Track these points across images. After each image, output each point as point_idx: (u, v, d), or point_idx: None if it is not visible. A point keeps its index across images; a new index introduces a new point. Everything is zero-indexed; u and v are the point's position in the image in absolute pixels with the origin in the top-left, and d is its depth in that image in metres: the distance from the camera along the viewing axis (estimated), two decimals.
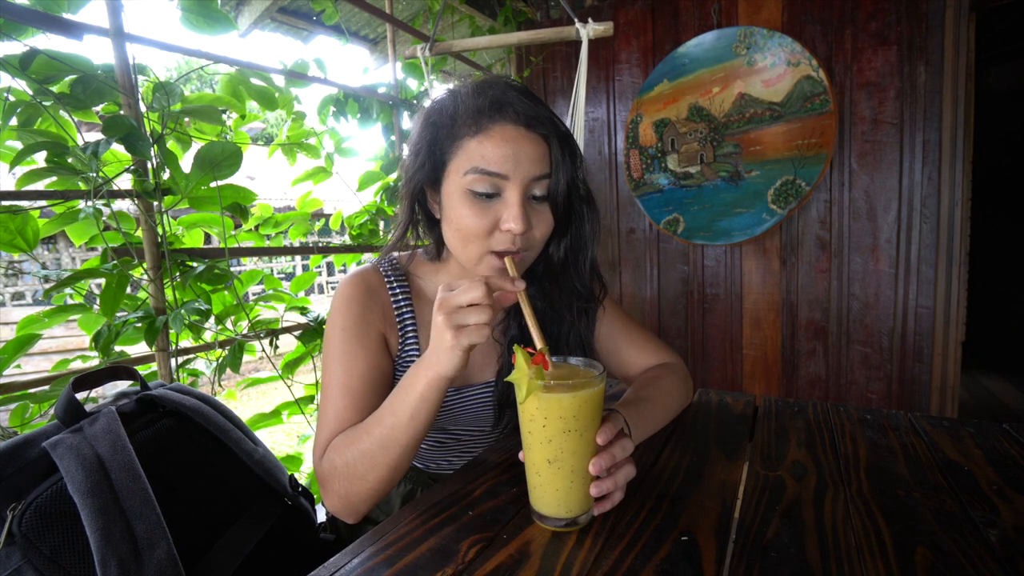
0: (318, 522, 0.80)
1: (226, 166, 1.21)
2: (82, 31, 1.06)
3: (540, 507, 0.50)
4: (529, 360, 0.49)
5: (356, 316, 0.67)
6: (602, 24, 1.66)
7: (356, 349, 0.65)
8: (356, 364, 0.64)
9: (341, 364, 0.64)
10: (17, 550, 0.48)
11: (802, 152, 1.89)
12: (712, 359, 2.23)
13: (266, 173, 7.16)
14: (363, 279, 0.70)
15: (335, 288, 0.74)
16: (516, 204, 0.59)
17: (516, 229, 0.59)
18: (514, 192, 0.59)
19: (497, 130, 0.59)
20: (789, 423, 0.73)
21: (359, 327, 0.66)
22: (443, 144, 0.63)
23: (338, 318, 0.67)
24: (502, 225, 0.60)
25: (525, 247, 0.62)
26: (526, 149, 0.59)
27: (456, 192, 0.61)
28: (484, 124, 0.60)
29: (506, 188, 0.60)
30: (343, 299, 0.68)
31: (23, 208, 1.03)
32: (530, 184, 0.60)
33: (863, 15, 1.80)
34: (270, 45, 36.72)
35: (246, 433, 0.78)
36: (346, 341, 0.65)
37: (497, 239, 0.61)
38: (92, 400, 1.14)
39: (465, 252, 0.63)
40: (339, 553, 0.47)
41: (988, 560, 0.42)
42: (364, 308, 0.68)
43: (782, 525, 0.48)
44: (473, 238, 0.61)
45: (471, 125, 0.60)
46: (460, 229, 0.62)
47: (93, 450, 0.54)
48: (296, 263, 7.74)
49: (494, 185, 0.59)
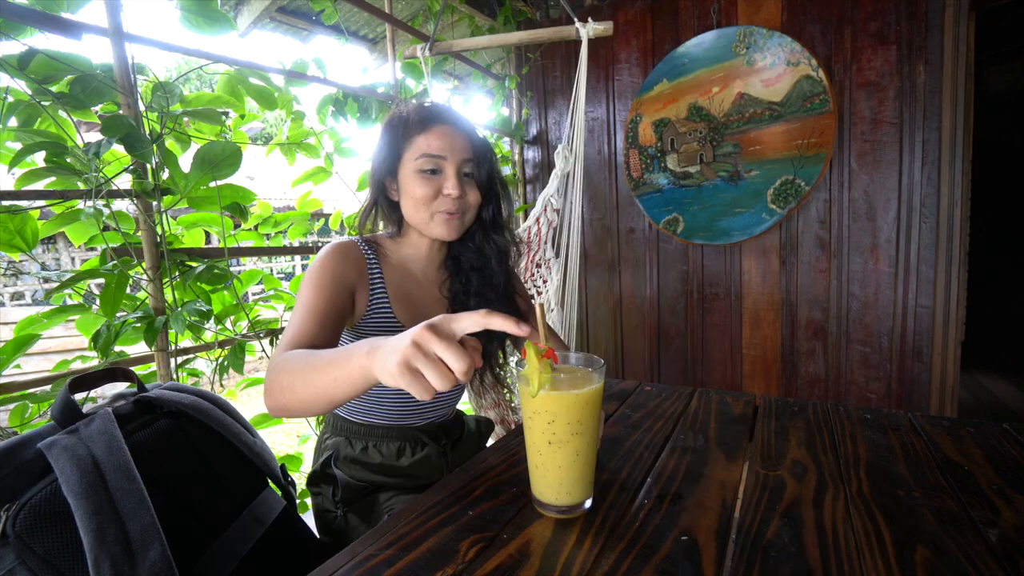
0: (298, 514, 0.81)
1: (225, 166, 1.21)
2: (81, 30, 1.06)
3: (542, 495, 0.53)
4: (540, 355, 0.50)
5: (333, 266, 0.80)
6: (602, 24, 1.66)
7: (328, 286, 0.77)
8: (324, 295, 0.76)
9: (311, 291, 0.75)
10: (11, 551, 0.47)
11: (802, 152, 1.89)
12: (712, 359, 2.22)
13: (266, 173, 7.16)
14: (342, 243, 0.85)
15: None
16: (452, 176, 0.82)
17: (453, 193, 0.82)
18: (451, 167, 0.82)
19: (437, 128, 0.83)
20: (789, 423, 0.73)
21: (335, 274, 0.79)
22: (398, 142, 0.84)
23: (317, 265, 0.79)
24: (443, 191, 0.82)
25: (463, 209, 0.84)
26: (457, 140, 0.83)
27: (410, 173, 0.83)
28: (428, 125, 0.83)
29: (445, 166, 0.82)
30: (324, 254, 0.81)
31: (22, 208, 1.03)
32: (461, 163, 0.83)
33: (863, 15, 1.80)
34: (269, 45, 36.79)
35: (244, 426, 0.78)
36: (321, 277, 0.77)
37: (440, 202, 0.83)
38: (91, 400, 1.14)
39: (419, 216, 0.84)
40: (339, 553, 0.46)
41: (988, 560, 0.42)
42: (342, 261, 0.81)
43: (782, 525, 0.48)
44: (423, 204, 0.82)
45: (418, 126, 0.83)
46: (414, 198, 0.83)
47: (88, 451, 0.54)
48: (296, 263, 7.73)
49: (437, 164, 0.82)
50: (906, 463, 0.60)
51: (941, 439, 0.66)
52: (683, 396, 0.87)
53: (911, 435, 0.67)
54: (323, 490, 0.89)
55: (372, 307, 0.85)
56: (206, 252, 1.28)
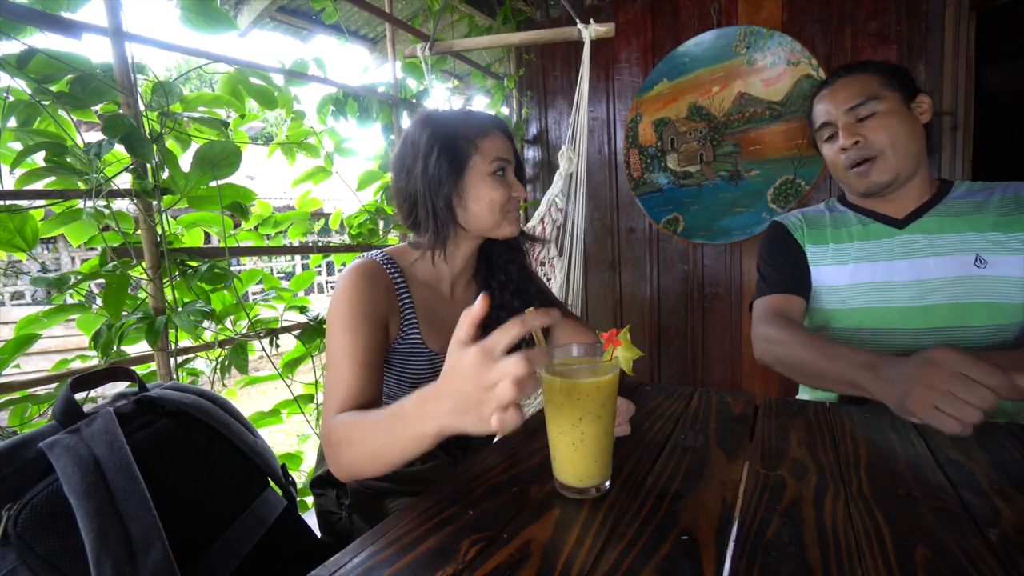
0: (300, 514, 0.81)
1: (225, 165, 1.21)
2: (81, 30, 1.06)
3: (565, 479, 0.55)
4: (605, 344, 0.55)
5: (364, 297, 0.75)
6: (604, 25, 1.67)
7: (362, 325, 0.73)
8: (361, 337, 0.72)
9: (348, 336, 0.71)
10: (12, 551, 0.47)
11: (802, 151, 1.88)
12: (712, 359, 2.22)
13: (266, 172, 7.15)
14: (367, 267, 0.79)
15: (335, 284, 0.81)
16: (514, 177, 0.86)
17: (522, 194, 0.87)
18: (511, 171, 0.85)
19: (494, 133, 0.84)
20: (789, 422, 0.73)
21: (367, 306, 0.74)
22: (462, 147, 0.82)
23: (345, 297, 0.74)
24: (512, 193, 0.85)
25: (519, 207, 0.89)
26: (510, 145, 0.87)
27: (483, 177, 0.82)
28: (488, 131, 0.84)
29: (508, 169, 0.85)
30: (351, 282, 0.76)
31: (22, 208, 1.03)
32: (515, 166, 0.87)
33: (863, 14, 1.80)
34: (269, 44, 36.81)
35: (245, 425, 0.78)
36: (353, 317, 0.73)
37: (511, 203, 0.85)
38: (91, 400, 1.14)
39: (492, 218, 0.83)
40: (339, 553, 0.46)
41: (988, 560, 0.42)
42: (372, 290, 0.76)
43: (782, 524, 0.48)
44: (499, 206, 0.83)
45: (480, 132, 0.83)
46: (491, 201, 0.83)
47: (89, 451, 0.54)
48: (296, 263, 7.74)
49: (505, 167, 0.84)
50: (906, 463, 0.60)
51: (941, 438, 0.66)
52: (683, 396, 0.87)
53: (911, 434, 0.68)
54: (327, 492, 0.89)
55: (403, 334, 0.82)
56: (206, 252, 1.28)
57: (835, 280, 1.01)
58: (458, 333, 0.48)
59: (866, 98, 0.93)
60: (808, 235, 1.05)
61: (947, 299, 0.91)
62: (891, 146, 0.92)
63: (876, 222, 1.00)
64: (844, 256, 1.00)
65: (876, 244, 0.98)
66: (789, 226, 1.08)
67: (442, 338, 0.85)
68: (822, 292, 1.03)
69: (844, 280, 1.00)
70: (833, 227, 1.04)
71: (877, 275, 0.97)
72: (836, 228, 1.03)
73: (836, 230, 1.03)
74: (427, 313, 0.85)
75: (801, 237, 1.05)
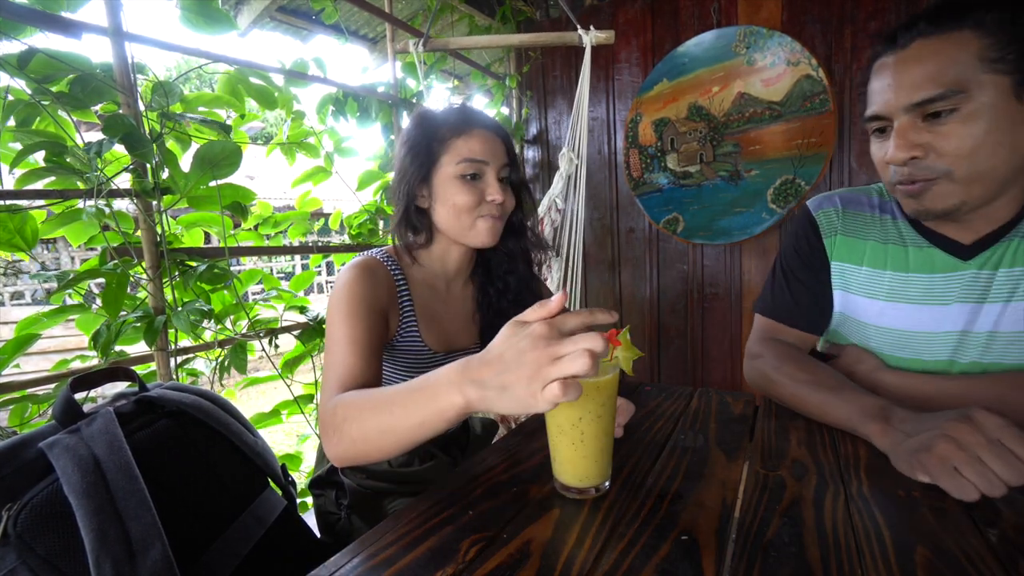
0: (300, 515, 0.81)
1: (225, 165, 1.21)
2: (81, 30, 1.06)
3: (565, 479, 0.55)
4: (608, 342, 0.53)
5: (365, 290, 0.75)
6: (604, 32, 1.70)
7: (364, 313, 0.72)
8: (363, 324, 0.71)
9: (349, 323, 0.71)
10: (12, 551, 0.47)
11: (802, 151, 1.88)
12: (712, 359, 2.22)
13: (266, 172, 7.15)
14: (368, 262, 0.79)
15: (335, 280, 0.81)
16: (495, 181, 0.80)
17: (498, 199, 0.80)
18: (492, 174, 0.80)
19: (477, 132, 0.80)
20: (789, 422, 0.73)
21: (368, 298, 0.74)
22: (433, 146, 0.80)
23: (347, 289, 0.74)
24: (486, 198, 0.80)
25: (502, 214, 0.83)
26: (496, 144, 0.81)
27: (449, 179, 0.79)
28: (466, 129, 0.79)
29: (486, 172, 0.80)
30: (353, 276, 0.75)
31: (22, 208, 1.03)
32: (500, 168, 0.81)
33: (863, 14, 1.80)
34: (269, 44, 36.82)
35: (245, 426, 0.78)
36: (354, 306, 0.72)
37: (483, 208, 0.80)
38: (91, 400, 1.14)
39: (459, 224, 0.80)
40: (339, 553, 0.46)
41: (988, 560, 0.42)
42: (373, 285, 0.76)
43: (782, 524, 0.48)
44: (466, 211, 0.79)
45: (456, 130, 0.79)
46: (456, 205, 0.79)
47: (89, 451, 0.54)
48: (296, 263, 7.73)
49: (479, 169, 0.79)
50: None
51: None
52: (683, 396, 0.87)
53: None
54: (326, 492, 0.89)
55: (401, 330, 0.82)
56: (206, 252, 1.28)
57: (862, 314, 0.79)
58: (521, 316, 0.47)
59: (947, 89, 0.60)
60: (839, 246, 0.81)
61: (1016, 359, 0.69)
62: (965, 164, 0.62)
63: (935, 247, 0.73)
64: (877, 287, 0.77)
65: (927, 280, 0.73)
66: (821, 227, 0.83)
67: (440, 336, 0.85)
68: (844, 320, 0.83)
69: (872, 318, 0.78)
70: (877, 239, 0.78)
71: (921, 323, 0.74)
72: (879, 242, 0.78)
73: (878, 245, 0.78)
74: (425, 311, 0.85)
75: (830, 246, 0.82)
